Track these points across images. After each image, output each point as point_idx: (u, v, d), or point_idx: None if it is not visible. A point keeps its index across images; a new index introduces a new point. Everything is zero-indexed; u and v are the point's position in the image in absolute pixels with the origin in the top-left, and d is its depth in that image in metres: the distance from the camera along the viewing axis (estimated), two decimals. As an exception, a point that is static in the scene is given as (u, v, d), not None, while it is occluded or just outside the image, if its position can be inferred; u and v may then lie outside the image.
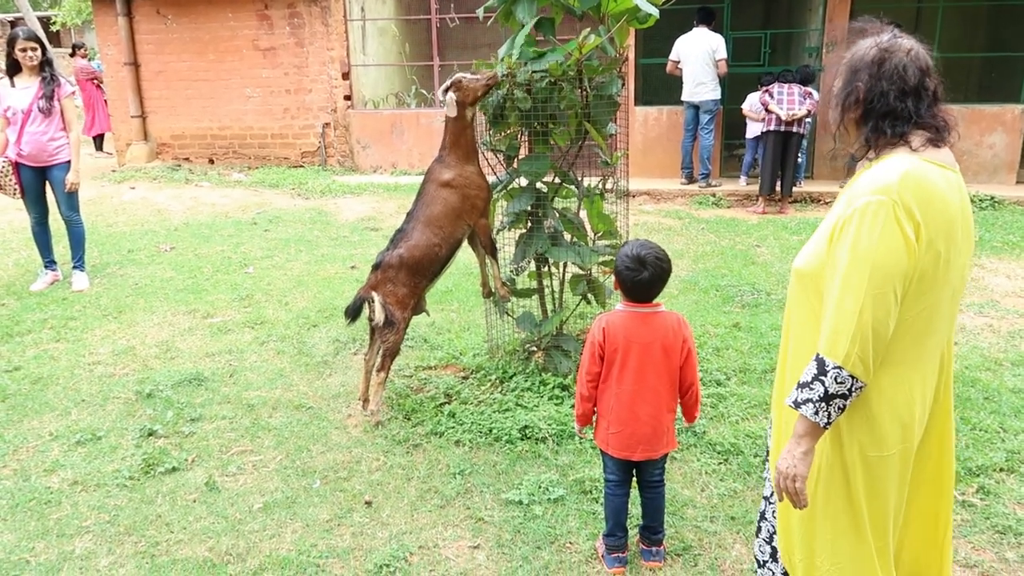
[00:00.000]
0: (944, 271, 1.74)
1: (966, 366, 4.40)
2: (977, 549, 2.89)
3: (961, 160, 8.62)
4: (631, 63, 9.76)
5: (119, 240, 7.67)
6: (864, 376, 1.70)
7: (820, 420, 1.74)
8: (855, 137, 1.85)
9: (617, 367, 2.64)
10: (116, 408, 4.10)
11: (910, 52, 1.78)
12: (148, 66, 11.56)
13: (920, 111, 1.76)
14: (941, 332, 1.81)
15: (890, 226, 1.66)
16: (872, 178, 1.72)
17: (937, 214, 1.70)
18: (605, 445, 2.73)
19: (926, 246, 1.69)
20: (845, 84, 1.83)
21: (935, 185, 1.71)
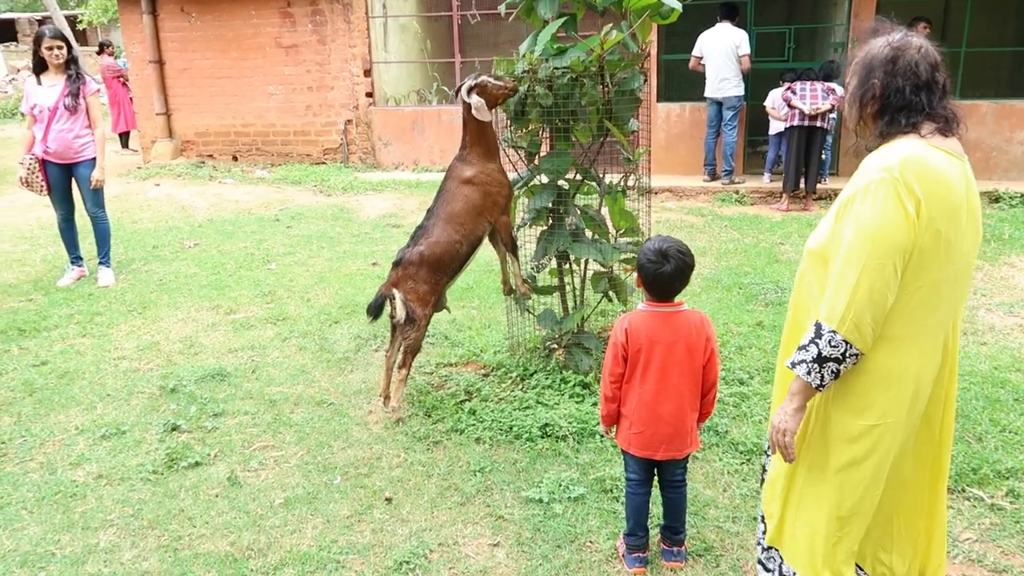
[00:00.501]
0: (945, 251, 1.80)
1: (995, 366, 4.32)
2: (1007, 554, 2.83)
3: (991, 157, 8.46)
4: (653, 59, 9.70)
5: (144, 236, 7.76)
6: (858, 343, 1.80)
7: (812, 380, 1.85)
8: (872, 129, 1.94)
9: (640, 367, 2.62)
10: (140, 403, 4.15)
11: (920, 49, 1.88)
12: (172, 64, 11.67)
13: (932, 103, 1.86)
14: (942, 314, 1.86)
15: (891, 202, 1.75)
16: (877, 159, 1.83)
17: (939, 194, 1.77)
18: (627, 445, 2.71)
19: (927, 223, 1.77)
20: (861, 82, 1.92)
21: (938, 167, 1.79)
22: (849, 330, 1.79)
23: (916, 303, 1.82)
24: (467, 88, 3.79)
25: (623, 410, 2.71)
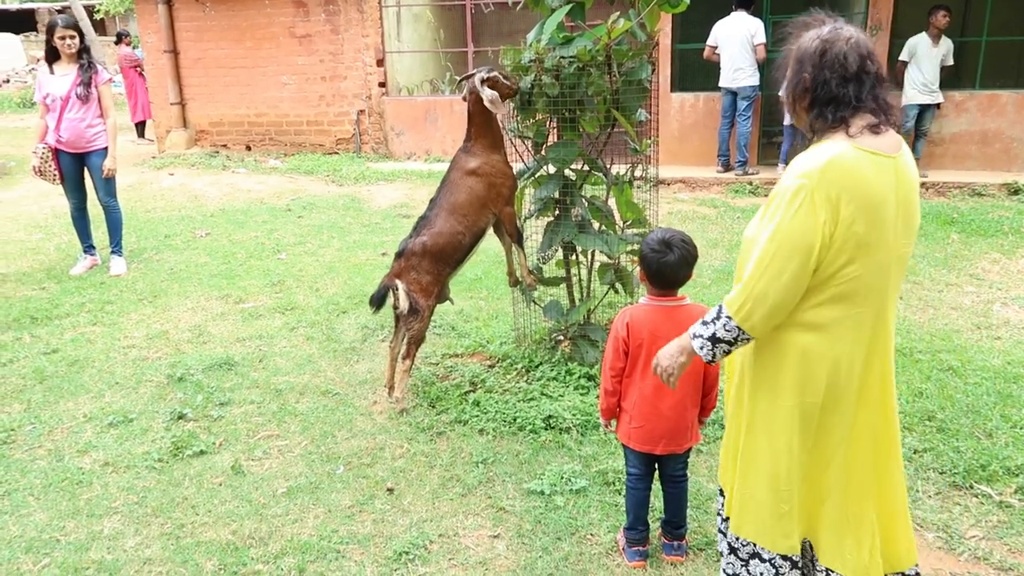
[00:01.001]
0: (865, 251, 1.88)
1: (1008, 361, 4.26)
2: (1014, 552, 2.79)
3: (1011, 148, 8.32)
4: (665, 48, 9.61)
5: (156, 226, 7.81)
6: (751, 331, 1.96)
7: (704, 356, 2.05)
8: (803, 120, 2.01)
9: (641, 362, 2.60)
10: (148, 391, 4.18)
11: (849, 40, 1.91)
12: (187, 53, 11.72)
13: (861, 96, 1.90)
14: (869, 306, 1.95)
15: (805, 208, 1.84)
16: (802, 162, 1.90)
17: (859, 197, 1.84)
18: (627, 439, 2.69)
19: (846, 226, 1.84)
20: (793, 75, 1.99)
21: (859, 171, 1.85)
22: (743, 319, 1.95)
23: (837, 296, 1.92)
24: (480, 80, 3.76)
25: (623, 404, 2.69)
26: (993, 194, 8.41)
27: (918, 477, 3.23)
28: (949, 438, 3.49)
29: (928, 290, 5.49)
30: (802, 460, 2.06)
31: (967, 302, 5.25)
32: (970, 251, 6.41)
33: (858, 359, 1.98)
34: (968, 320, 4.93)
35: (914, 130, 8.87)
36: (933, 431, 3.56)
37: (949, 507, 3.04)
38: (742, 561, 2.18)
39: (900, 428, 2.17)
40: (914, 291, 5.46)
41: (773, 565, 2.12)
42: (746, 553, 2.17)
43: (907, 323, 4.86)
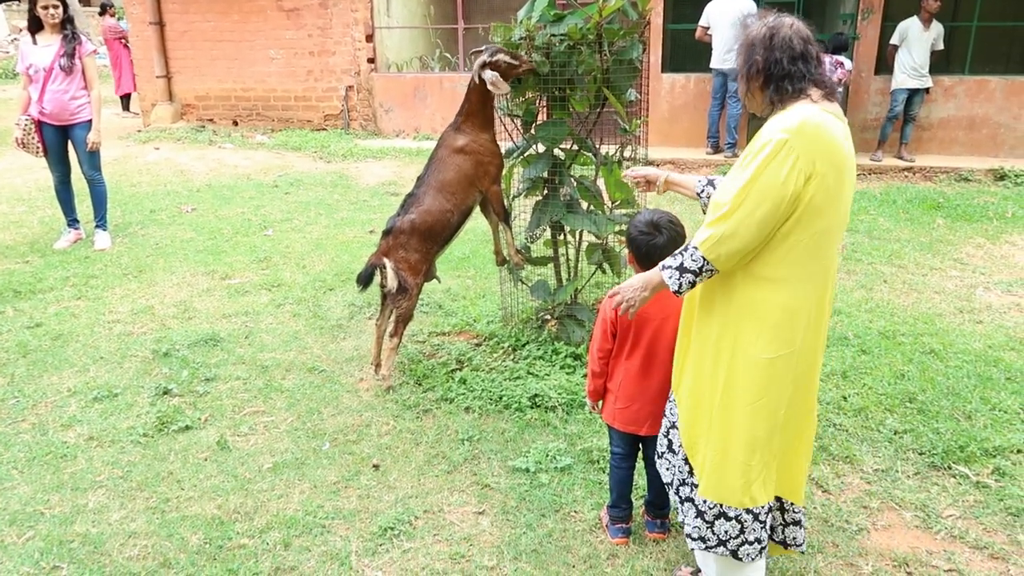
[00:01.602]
0: (834, 203, 2.04)
1: (989, 345, 4.31)
2: (989, 531, 2.84)
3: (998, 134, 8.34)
4: (656, 28, 9.56)
5: (142, 200, 7.73)
6: (715, 262, 2.08)
7: (671, 285, 2.17)
8: (760, 101, 2.16)
9: (629, 344, 2.61)
10: (133, 366, 4.16)
11: (792, 26, 2.12)
12: (173, 26, 11.54)
13: (811, 71, 2.09)
14: (828, 257, 2.11)
15: (782, 160, 1.99)
16: (779, 121, 2.05)
17: (832, 153, 2.01)
18: (612, 419, 2.71)
19: (820, 179, 1.99)
20: (746, 60, 2.15)
21: (830, 130, 2.02)
22: (708, 250, 2.08)
23: (808, 249, 2.06)
24: (480, 64, 3.71)
25: (609, 385, 2.71)
26: (979, 180, 8.46)
27: (898, 457, 3.28)
28: (929, 419, 3.54)
29: (912, 274, 5.53)
30: (781, 411, 2.16)
31: (950, 286, 5.30)
32: (955, 236, 6.45)
33: (818, 304, 2.14)
34: (951, 304, 4.97)
35: (903, 114, 8.89)
36: (914, 412, 3.60)
37: (927, 487, 3.09)
38: (707, 523, 2.27)
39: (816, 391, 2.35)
40: (898, 275, 5.51)
41: (739, 521, 2.23)
42: (712, 515, 2.26)
43: (891, 306, 4.91)
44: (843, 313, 4.75)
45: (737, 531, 2.24)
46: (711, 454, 2.24)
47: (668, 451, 2.46)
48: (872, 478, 3.16)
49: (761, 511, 2.23)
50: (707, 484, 2.26)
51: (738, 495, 2.21)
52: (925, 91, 8.85)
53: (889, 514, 2.94)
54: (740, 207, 2.03)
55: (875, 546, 2.77)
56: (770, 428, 2.17)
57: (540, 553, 2.72)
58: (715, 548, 2.27)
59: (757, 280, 2.11)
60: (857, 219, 6.92)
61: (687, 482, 2.36)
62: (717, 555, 2.31)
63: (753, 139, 2.10)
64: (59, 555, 2.73)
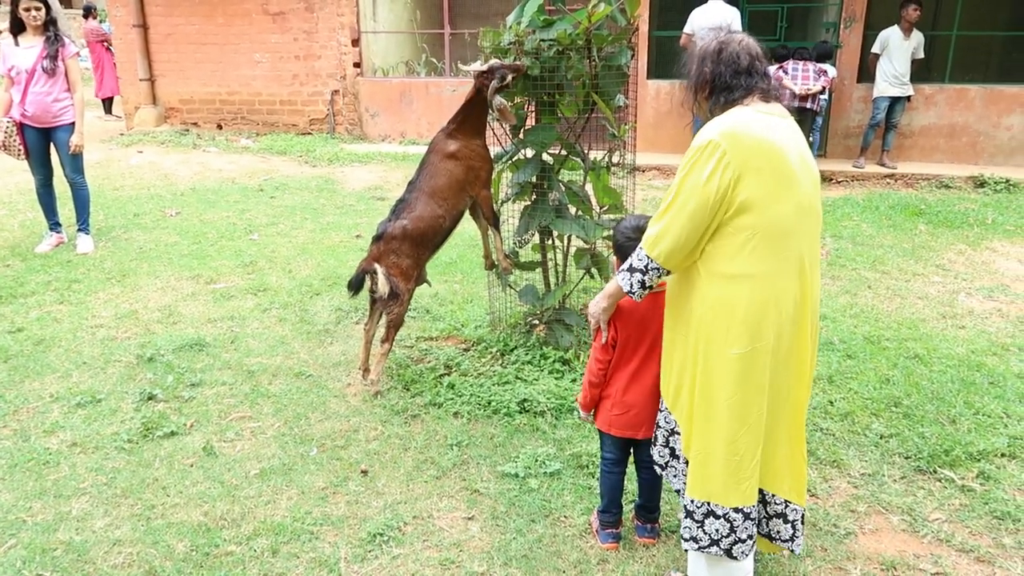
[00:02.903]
0: (779, 196, 2.12)
1: (972, 350, 4.35)
2: (974, 534, 2.87)
3: (977, 142, 8.44)
4: (642, 35, 9.61)
5: (125, 204, 7.66)
6: (657, 258, 2.22)
7: (624, 285, 2.32)
8: (703, 108, 2.32)
9: (629, 351, 2.60)
10: (117, 371, 4.11)
11: (742, 42, 2.26)
12: (157, 28, 11.46)
13: (751, 84, 2.22)
14: (792, 250, 2.16)
15: (705, 160, 2.12)
16: (709, 125, 2.18)
17: (760, 150, 2.11)
18: (608, 426, 2.69)
19: (754, 175, 2.09)
20: (696, 71, 2.29)
21: (758, 128, 2.14)
22: (650, 247, 2.23)
23: (764, 244, 2.13)
24: (493, 90, 3.68)
25: (606, 391, 2.69)
26: (960, 186, 8.56)
27: (884, 462, 3.30)
28: (914, 424, 3.57)
29: (896, 279, 5.58)
30: (758, 407, 2.20)
31: (933, 292, 5.35)
32: (936, 242, 6.53)
33: (793, 300, 2.19)
34: (934, 309, 5.03)
35: (884, 122, 8.98)
36: (899, 417, 3.63)
37: (913, 491, 3.12)
38: (697, 523, 2.29)
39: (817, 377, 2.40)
40: (882, 280, 5.56)
41: (727, 520, 2.25)
42: (701, 514, 2.28)
43: (875, 311, 4.95)
44: (828, 318, 4.78)
45: (728, 530, 2.26)
46: (694, 453, 2.29)
47: (673, 458, 2.47)
48: (859, 482, 3.18)
49: (752, 509, 2.25)
50: (693, 482, 2.29)
51: (724, 493, 2.23)
52: (906, 99, 8.95)
53: (876, 518, 2.96)
54: (671, 207, 2.17)
55: (863, 550, 2.78)
56: (748, 424, 2.20)
57: (530, 558, 2.72)
58: (708, 548, 2.29)
59: (719, 278, 2.18)
60: (840, 225, 6.98)
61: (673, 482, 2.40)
62: (709, 555, 2.32)
63: None
64: (42, 563, 2.69)
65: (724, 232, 2.15)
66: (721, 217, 2.14)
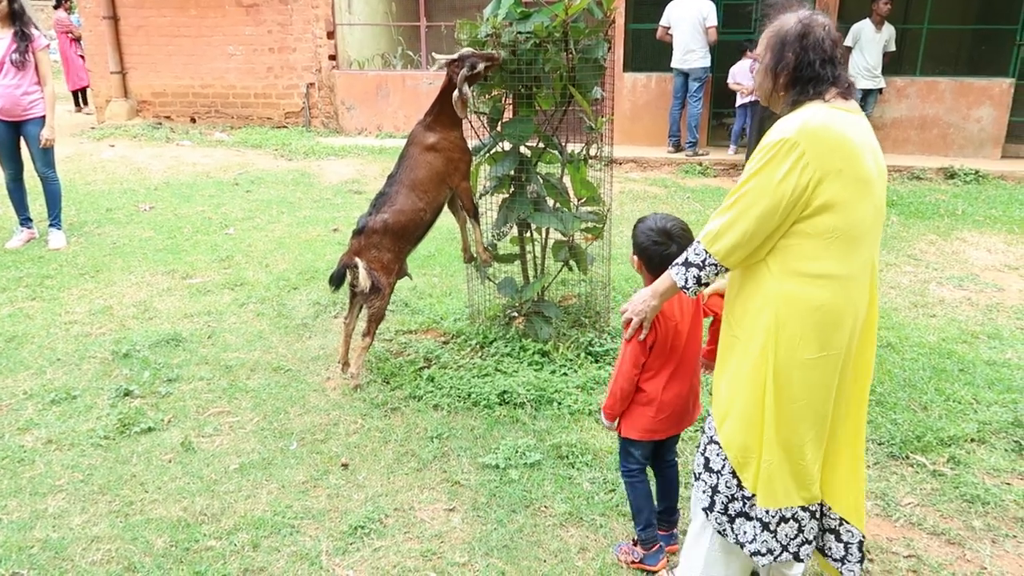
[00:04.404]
0: (860, 192, 2.01)
1: (943, 338, 4.44)
2: (945, 517, 2.93)
3: (948, 134, 8.57)
4: (620, 28, 9.63)
5: (97, 199, 7.55)
6: (716, 254, 2.09)
7: (678, 280, 2.18)
8: (783, 99, 2.13)
9: (666, 353, 2.49)
10: (92, 368, 4.07)
11: (825, 27, 2.08)
12: (128, 20, 11.29)
13: (836, 75, 2.07)
14: (867, 252, 2.07)
15: (781, 159, 1.98)
16: (783, 123, 2.05)
17: (841, 148, 1.98)
18: (645, 432, 2.54)
19: (836, 175, 1.97)
20: (776, 56, 2.10)
21: (839, 126, 2.00)
22: (709, 242, 2.10)
23: (846, 245, 2.02)
24: (463, 78, 3.66)
25: (645, 398, 2.53)
26: (930, 178, 8.70)
27: (858, 448, 3.36)
28: (887, 411, 3.63)
29: (869, 270, 5.66)
30: (827, 411, 2.12)
31: (905, 281, 5.44)
32: (908, 232, 6.63)
33: (863, 307, 2.10)
34: (906, 299, 5.11)
35: (858, 114, 9.08)
36: (872, 404, 3.70)
37: (886, 476, 3.18)
38: (772, 533, 2.18)
39: None
40: (856, 271, 5.63)
41: (796, 520, 2.18)
42: (775, 523, 2.17)
43: (849, 301, 5.02)
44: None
45: (795, 531, 2.19)
46: (765, 462, 2.14)
47: (705, 471, 2.29)
48: (834, 468, 3.23)
49: (817, 508, 2.20)
50: (765, 493, 2.15)
51: (793, 495, 2.15)
52: (878, 91, 9.07)
53: (850, 503, 3.01)
54: (738, 202, 2.04)
55: (838, 534, 2.83)
56: (816, 429, 2.11)
57: (511, 548, 2.74)
58: (780, 556, 2.19)
59: (797, 276, 2.04)
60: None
61: (736, 497, 2.22)
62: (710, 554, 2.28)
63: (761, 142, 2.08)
64: (18, 561, 2.66)
65: (802, 231, 2.02)
66: (797, 215, 2.01)
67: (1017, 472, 3.20)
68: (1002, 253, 6.11)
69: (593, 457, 3.25)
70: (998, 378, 3.94)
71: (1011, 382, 3.90)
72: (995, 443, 3.39)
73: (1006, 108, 9.27)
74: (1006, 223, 6.91)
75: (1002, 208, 7.41)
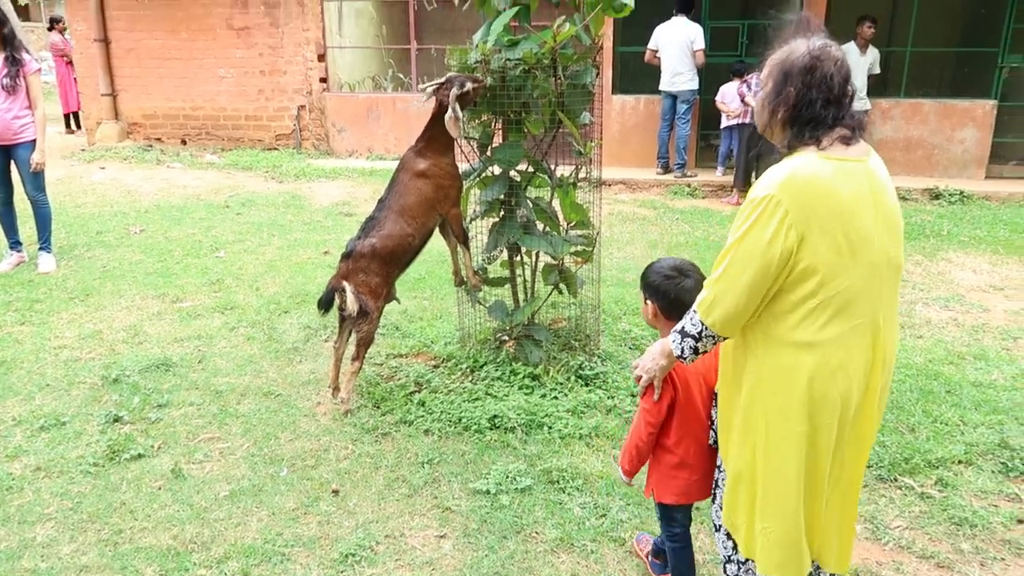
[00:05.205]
0: (852, 256, 1.86)
1: (930, 359, 4.48)
2: (934, 540, 2.95)
3: (932, 155, 8.68)
4: (607, 51, 9.74)
5: (87, 221, 7.55)
6: (712, 327, 1.98)
7: (674, 349, 2.08)
8: (780, 137, 1.99)
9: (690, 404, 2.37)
10: (81, 393, 4.05)
11: (837, 63, 1.91)
12: (119, 43, 11.34)
13: (839, 117, 1.90)
14: (866, 316, 1.91)
15: (765, 218, 1.85)
16: (769, 175, 1.91)
17: (827, 206, 1.84)
18: (681, 496, 2.42)
19: (820, 236, 1.83)
20: (776, 88, 1.94)
21: (825, 181, 1.84)
22: (704, 313, 1.98)
23: (836, 310, 1.88)
24: (454, 97, 3.70)
25: (674, 459, 2.41)
26: (916, 199, 8.80)
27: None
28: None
29: (856, 291, 5.71)
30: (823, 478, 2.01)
31: (892, 302, 5.48)
32: (895, 253, 6.69)
33: (864, 365, 1.94)
34: (893, 320, 5.15)
35: (844, 136, 9.19)
36: (861, 426, 3.72)
37: (875, 499, 3.20)
38: None
39: None
40: (843, 292, 5.68)
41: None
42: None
43: (837, 323, 5.06)
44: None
45: None
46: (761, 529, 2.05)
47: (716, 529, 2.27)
48: (823, 491, 3.24)
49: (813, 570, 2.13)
50: (764, 560, 2.06)
51: (785, 568, 2.05)
52: (864, 113, 9.17)
53: (840, 526, 3.03)
54: (727, 270, 1.91)
55: (827, 558, 2.84)
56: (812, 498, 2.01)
57: (502, 575, 2.73)
58: None
59: (779, 344, 1.93)
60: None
61: (732, 559, 2.20)
62: None
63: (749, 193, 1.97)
64: (6, 592, 2.65)
65: (785, 296, 1.90)
66: (782, 281, 1.88)
67: (1004, 494, 3.22)
68: (987, 274, 6.18)
69: (584, 482, 3.25)
70: (984, 399, 3.97)
71: (997, 403, 3.93)
72: (982, 465, 3.42)
73: (989, 129, 9.41)
74: (991, 243, 6.99)
75: (986, 228, 7.50)
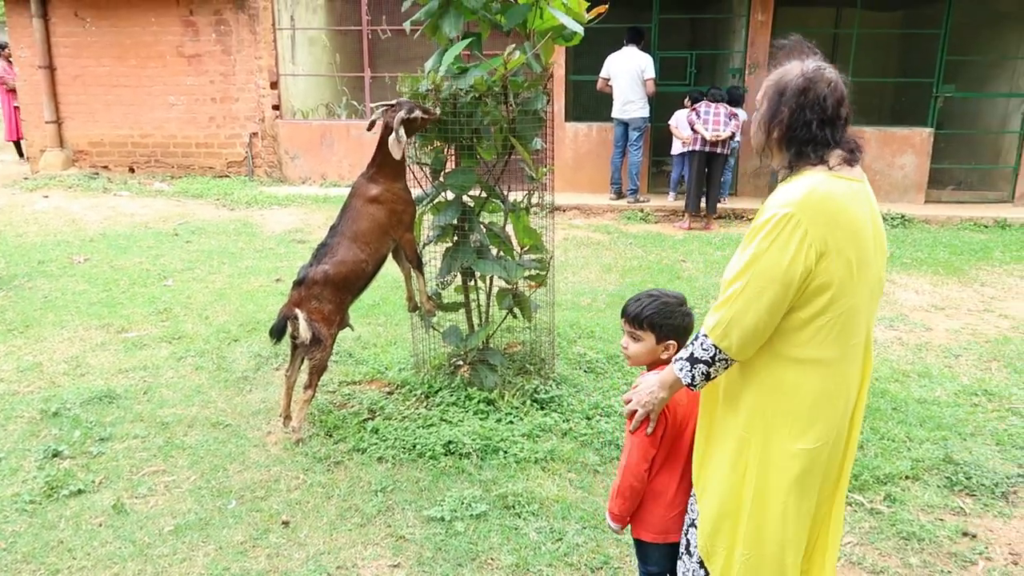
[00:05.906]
0: (859, 275, 1.88)
1: (876, 378, 4.58)
2: (884, 555, 2.99)
3: (873, 180, 8.97)
4: (559, 79, 9.88)
5: (29, 251, 7.32)
6: (728, 350, 1.90)
7: (683, 377, 1.97)
8: (778, 157, 1.98)
9: (682, 440, 2.26)
10: (18, 428, 3.90)
11: (831, 84, 1.91)
12: (64, 70, 11.11)
13: (836, 137, 1.91)
14: (861, 334, 1.94)
15: (785, 237, 1.82)
16: (782, 194, 1.89)
17: (843, 224, 1.84)
18: (659, 534, 2.27)
19: (836, 255, 1.83)
20: (771, 108, 1.94)
21: (840, 199, 1.85)
22: (718, 337, 1.90)
23: (840, 327, 1.89)
24: (399, 120, 3.70)
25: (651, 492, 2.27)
26: (860, 222, 9.05)
27: (799, 489, 3.42)
28: (825, 451, 3.71)
29: (805, 312, 5.83)
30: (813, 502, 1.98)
31: (839, 323, 5.60)
32: (841, 275, 6.85)
33: (855, 390, 1.97)
34: (840, 340, 5.26)
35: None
36: (811, 445, 3.77)
37: (826, 516, 3.23)
38: None
39: None
40: (792, 313, 5.79)
41: None
42: None
43: (787, 343, 5.15)
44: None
45: None
46: (742, 555, 1.99)
47: (685, 552, 2.19)
48: (776, 510, 3.27)
49: None
50: None
51: None
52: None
53: (793, 544, 3.05)
54: (744, 291, 1.85)
55: None
56: (800, 523, 1.97)
57: (457, 604, 2.69)
58: None
59: (785, 361, 1.90)
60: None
61: None
62: None
63: (758, 212, 1.92)
64: (-68, 639, 2.51)
65: (794, 314, 1.87)
66: (795, 299, 1.86)
67: (949, 508, 3.29)
68: (929, 294, 6.37)
69: (540, 506, 3.23)
70: (929, 416, 4.07)
71: (941, 419, 4.03)
72: (928, 480, 3.49)
73: (927, 155, 9.76)
74: (931, 265, 7.22)
75: (927, 251, 7.75)
